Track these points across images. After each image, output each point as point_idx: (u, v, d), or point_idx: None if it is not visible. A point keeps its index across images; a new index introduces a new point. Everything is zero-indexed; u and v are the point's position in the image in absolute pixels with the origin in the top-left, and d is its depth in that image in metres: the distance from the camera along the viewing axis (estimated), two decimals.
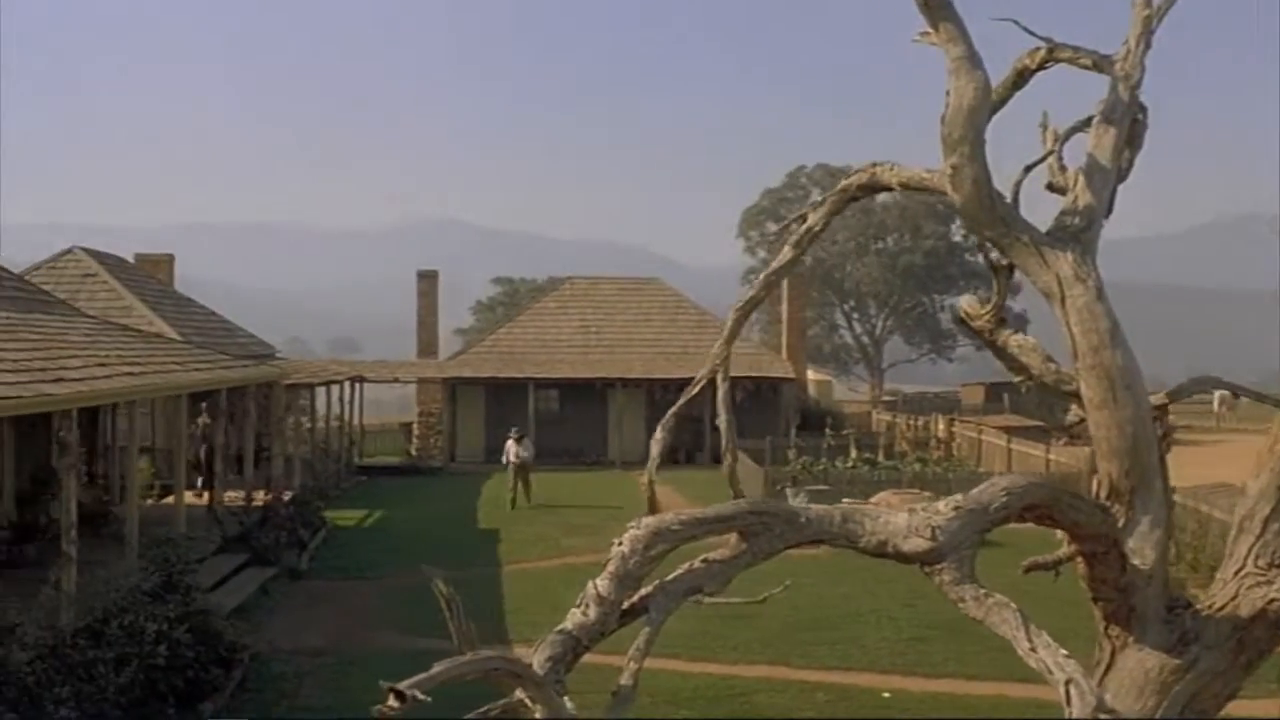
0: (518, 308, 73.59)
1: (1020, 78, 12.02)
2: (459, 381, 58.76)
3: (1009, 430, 47.05)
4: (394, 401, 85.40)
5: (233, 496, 33.46)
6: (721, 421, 15.09)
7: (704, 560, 11.74)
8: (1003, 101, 11.93)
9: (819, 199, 13.94)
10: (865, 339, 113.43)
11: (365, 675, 20.12)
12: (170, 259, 53.80)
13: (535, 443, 55.50)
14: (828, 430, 48.79)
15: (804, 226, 14.11)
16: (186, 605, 21.24)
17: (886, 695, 20.82)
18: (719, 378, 15.44)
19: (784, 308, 66.23)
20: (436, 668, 10.18)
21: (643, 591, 11.49)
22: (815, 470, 42.41)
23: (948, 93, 11.30)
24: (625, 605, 11.47)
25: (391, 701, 9.70)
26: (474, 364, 59.08)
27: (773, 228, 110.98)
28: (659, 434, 15.03)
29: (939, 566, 10.30)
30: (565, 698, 10.96)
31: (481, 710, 10.78)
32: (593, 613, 11.40)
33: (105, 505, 30.24)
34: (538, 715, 10.63)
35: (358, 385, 54.44)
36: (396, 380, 60.42)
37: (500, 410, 58.22)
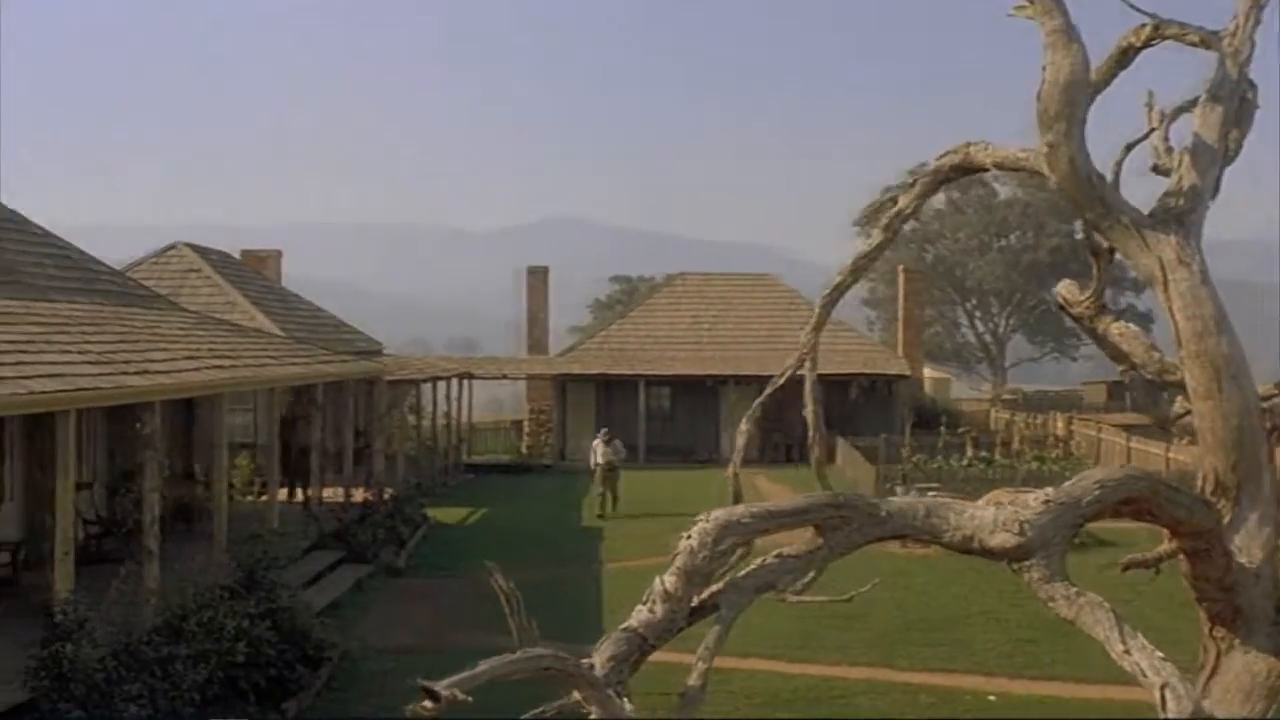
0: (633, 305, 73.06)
1: (1124, 56, 11.33)
2: (569, 378, 58.24)
3: (1128, 428, 45.79)
4: (513, 400, 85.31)
5: (332, 493, 33.08)
6: (808, 413, 14.42)
7: (778, 555, 11.13)
8: (1106, 82, 11.28)
9: (909, 181, 13.31)
10: (988, 337, 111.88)
11: (454, 674, 19.65)
12: (277, 255, 53.69)
13: (645, 440, 55.02)
14: (942, 428, 47.79)
15: (895, 209, 13.45)
16: (270, 602, 20.79)
17: (992, 698, 20.23)
18: (807, 367, 14.70)
19: (900, 304, 65.20)
20: (482, 666, 9.59)
21: (713, 588, 10.92)
22: (929, 468, 41.46)
23: (1044, 68, 10.73)
24: (695, 602, 10.89)
25: (425, 702, 9.11)
26: (584, 360, 58.55)
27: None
28: (744, 426, 14.43)
29: (1027, 563, 9.71)
30: (625, 699, 10.35)
31: (537, 711, 10.24)
32: (659, 610, 10.80)
33: (201, 501, 29.95)
34: (593, 717, 10.05)
35: (466, 382, 54.04)
36: (505, 377, 59.99)
37: (610, 407, 57.71)
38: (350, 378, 33.87)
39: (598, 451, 41.70)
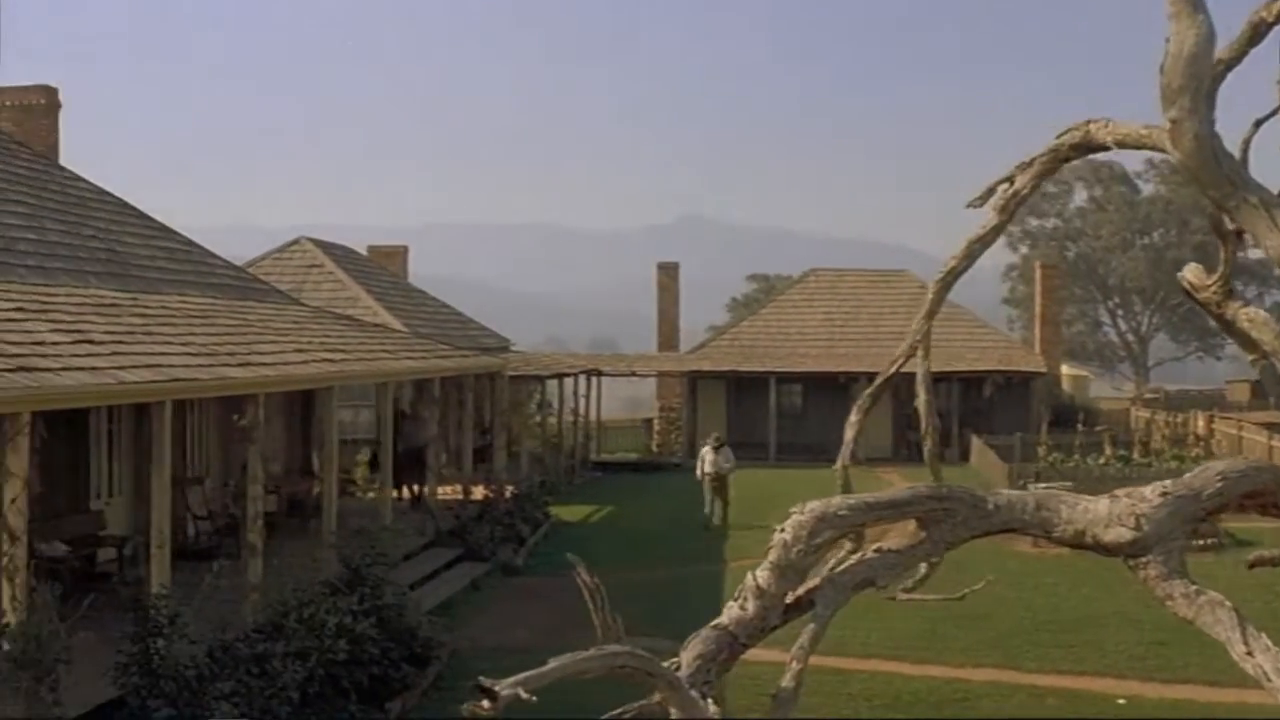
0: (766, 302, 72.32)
1: (1256, 32, 10.53)
2: (699, 375, 57.62)
3: (1270, 426, 44.42)
4: (651, 399, 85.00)
5: (451, 490, 32.66)
6: (920, 402, 13.67)
7: (877, 550, 10.53)
8: (1237, 59, 10.48)
9: (1026, 161, 12.54)
10: (1130, 336, 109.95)
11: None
12: (403, 250, 53.59)
13: (776, 438, 54.28)
14: (1079, 427, 46.66)
15: (1010, 190, 12.64)
16: (375, 598, 20.34)
17: (1121, 701, 19.44)
18: (919, 356, 13.94)
19: (1037, 301, 63.96)
20: (552, 663, 9.02)
21: (809, 584, 10.38)
22: (1064, 467, 40.41)
23: (1167, 40, 9.95)
24: (790, 599, 10.35)
25: (483, 701, 8.55)
26: (714, 357, 57.89)
27: (1034, 222, 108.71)
28: (854, 417, 13.70)
29: (1143, 559, 9.01)
30: (711, 700, 9.76)
31: (615, 712, 9.70)
32: (751, 607, 10.23)
33: (318, 497, 29.65)
34: (674, 718, 9.53)
35: (595, 379, 53.60)
36: (634, 374, 59.49)
37: (741, 405, 57.09)
38: (469, 373, 33.44)
39: (705, 459, 37.87)
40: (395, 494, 32.06)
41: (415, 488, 33.59)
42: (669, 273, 62.96)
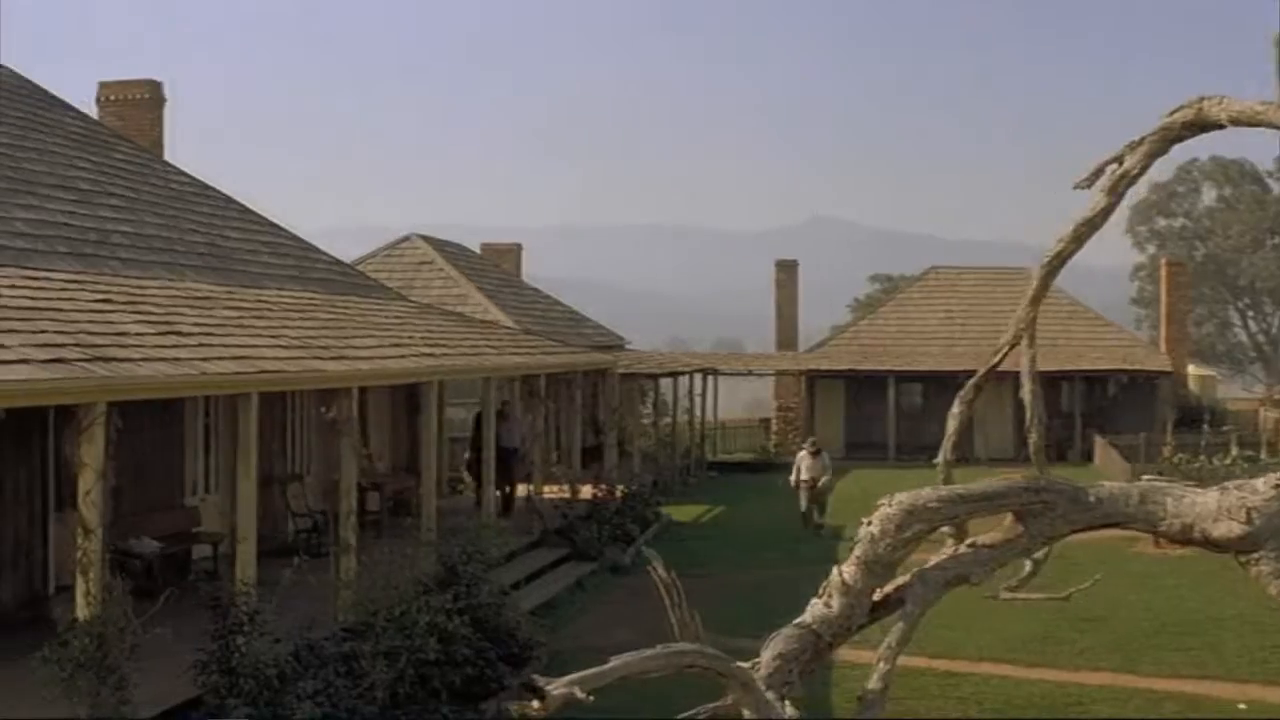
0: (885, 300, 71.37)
1: None
2: (817, 374, 56.88)
3: None
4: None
5: (558, 490, 32.14)
6: (1025, 393, 13.00)
7: (970, 545, 9.89)
8: None
9: (1136, 140, 11.82)
10: (1261, 337, 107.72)
11: (666, 677, 18.60)
12: (517, 248, 53.34)
13: (895, 438, 53.41)
14: (1206, 427, 45.50)
15: (1119, 170, 11.89)
16: (470, 597, 19.88)
17: (1242, 707, 18.65)
18: (1024, 344, 13.22)
19: (1162, 300, 62.60)
20: (613, 662, 8.53)
21: (898, 581, 9.78)
22: (1189, 467, 39.31)
23: None
24: (877, 596, 9.75)
25: (533, 701, 8.06)
26: (833, 356, 57.16)
27: (1162, 222, 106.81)
28: (956, 408, 13.05)
29: (1255, 555, 8.40)
30: (787, 703, 9.19)
31: (688, 714, 9.19)
32: (836, 604, 9.65)
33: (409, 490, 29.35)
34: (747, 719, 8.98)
35: (712, 379, 53.03)
36: (750, 373, 58.90)
37: (860, 404, 56.34)
38: (577, 369, 32.92)
39: (802, 465, 35.73)
40: (512, 493, 31.61)
41: (505, 490, 31.80)
42: (787, 270, 62.27)
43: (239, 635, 15.19)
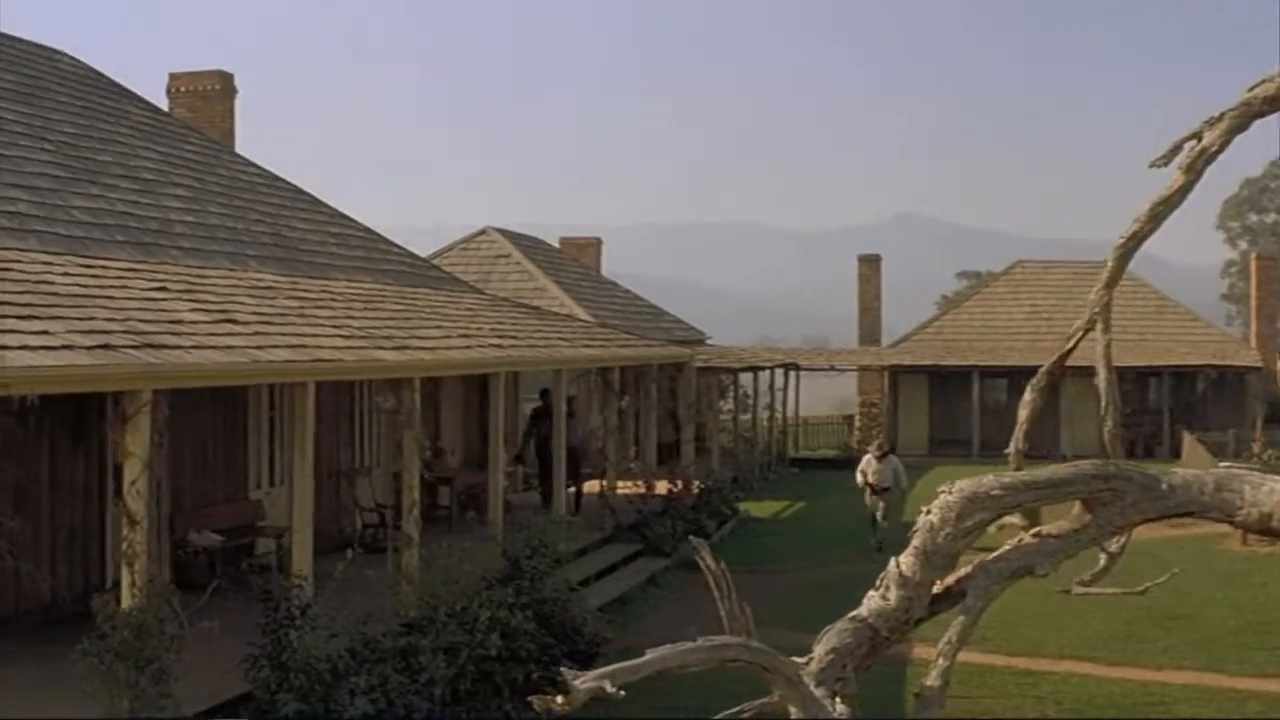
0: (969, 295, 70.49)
1: None
2: (900, 370, 56.14)
3: None
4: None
5: (633, 485, 31.62)
6: (1100, 380, 12.45)
7: (1035, 535, 9.37)
8: None
9: (1215, 116, 11.22)
10: None
11: (735, 675, 18.06)
12: (596, 242, 52.96)
13: (979, 435, 52.57)
14: None
15: (1198, 147, 11.30)
16: (534, 591, 19.46)
17: None
18: (1098, 329, 12.65)
19: (1252, 294, 61.46)
20: (650, 654, 8.11)
21: (959, 572, 9.29)
22: (1279, 464, 38.47)
23: None
24: (938, 588, 9.26)
25: (557, 697, 7.65)
26: (915, 351, 56.39)
27: (1254, 218, 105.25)
28: (1028, 396, 12.60)
29: None
30: (838, 700, 8.71)
31: (733, 711, 8.68)
32: (893, 596, 9.17)
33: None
34: (794, 718, 8.52)
35: (793, 374, 52.46)
36: (832, 368, 58.22)
37: (944, 400, 55.60)
38: (652, 362, 32.39)
39: (869, 469, 32.25)
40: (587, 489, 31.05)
41: (572, 487, 30.64)
42: (870, 265, 61.57)
43: (290, 629, 14.80)
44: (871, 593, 9.40)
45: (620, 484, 30.27)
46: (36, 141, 21.52)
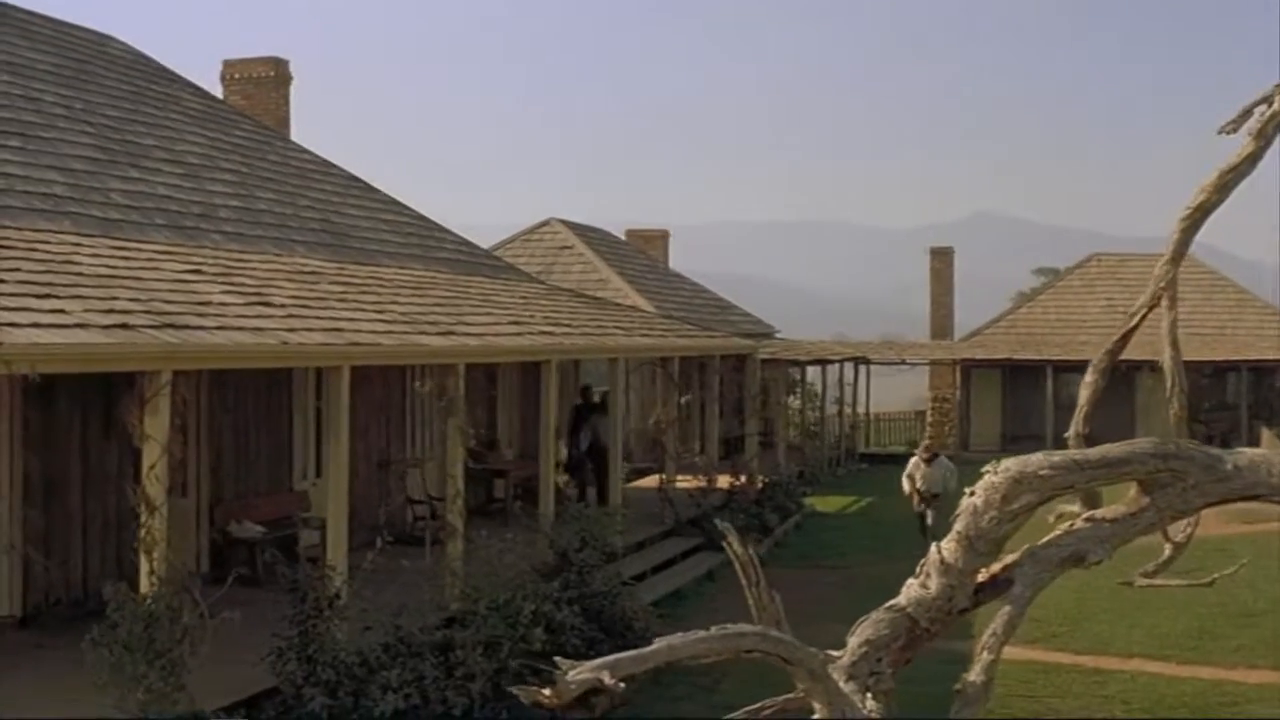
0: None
1: None
2: (972, 364, 55.18)
3: None
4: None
5: (693, 480, 30.94)
6: (1165, 359, 11.73)
7: (1088, 519, 8.66)
8: None
9: None
10: None
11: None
12: (664, 235, 52.33)
13: (1053, 429, 51.50)
14: None
15: (1269, 112, 10.53)
16: (582, 585, 18.86)
17: None
18: (1164, 304, 11.93)
19: None
20: (657, 644, 7.48)
21: (1006, 559, 8.61)
22: None
23: None
24: (982, 576, 8.58)
25: (544, 690, 7.03)
26: (988, 345, 55.37)
27: None
28: (1089, 377, 11.89)
29: None
30: (869, 696, 8.06)
31: (752, 708, 8.22)
32: (934, 584, 8.48)
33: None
34: (816, 718, 7.87)
35: (863, 368, 51.67)
36: (903, 362, 57.26)
37: (1017, 395, 54.59)
38: (713, 354, 31.68)
39: (917, 474, 29.58)
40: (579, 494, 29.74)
41: (595, 490, 28.43)
42: (943, 258, 60.62)
43: (318, 621, 14.24)
44: (911, 580, 8.72)
45: (680, 479, 29.58)
46: (76, 124, 21.15)
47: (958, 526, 8.44)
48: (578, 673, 6.75)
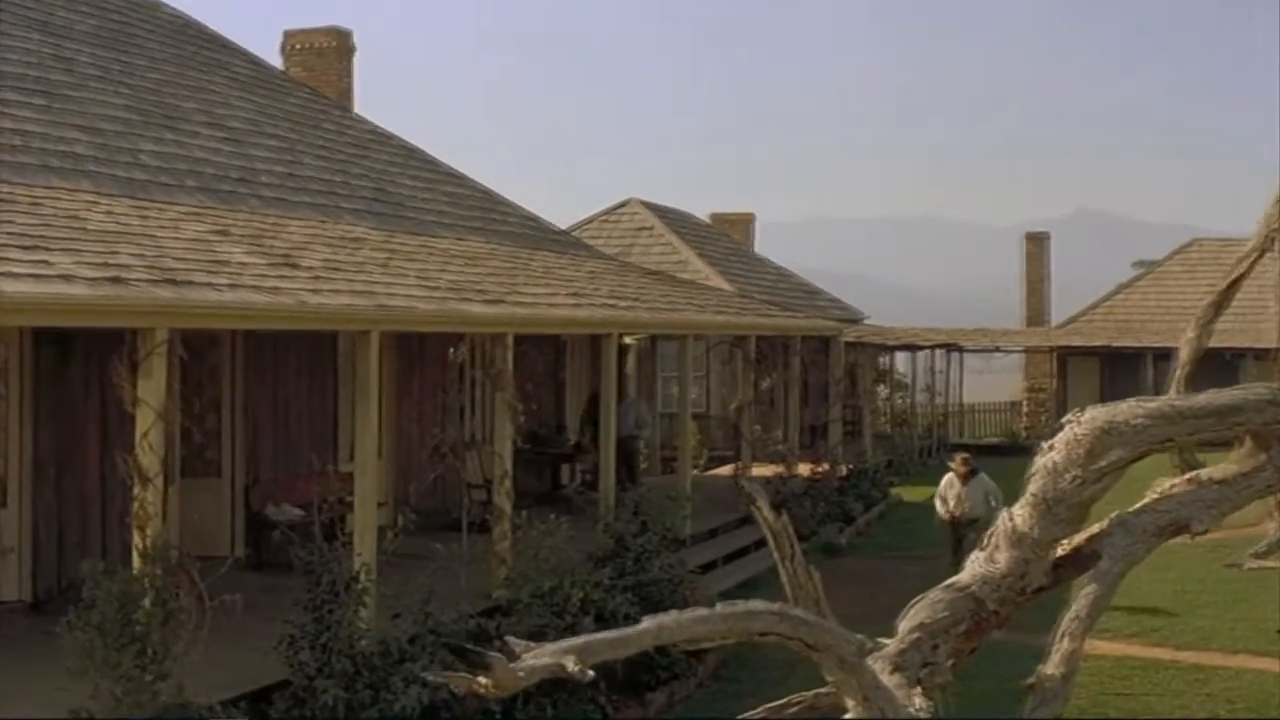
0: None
1: None
2: (1069, 352, 53.44)
3: None
4: None
5: (773, 469, 29.57)
6: (1276, 312, 10.38)
7: (1190, 479, 7.16)
8: None
9: None
10: None
11: None
12: (749, 218, 50.95)
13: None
14: None
15: None
16: (640, 572, 17.54)
17: None
18: (1277, 249, 10.56)
19: None
20: (646, 623, 6.10)
21: (1091, 529, 7.14)
22: None
23: None
24: (1063, 550, 7.13)
25: (480, 678, 5.67)
26: (1085, 332, 53.59)
27: None
28: (1191, 333, 10.65)
29: None
30: (919, 691, 6.65)
31: (774, 705, 7.35)
32: (1004, 558, 6.96)
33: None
34: (850, 716, 6.45)
35: (956, 356, 50.10)
36: (998, 349, 55.57)
37: (1115, 384, 52.70)
38: (794, 334, 30.19)
39: (950, 494, 23.21)
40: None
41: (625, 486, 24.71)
42: (1036, 243, 58.86)
43: (334, 606, 12.95)
44: (976, 553, 7.23)
45: (761, 468, 28.25)
46: (111, 85, 20.15)
47: (1032, 489, 7.00)
48: (534, 655, 5.36)
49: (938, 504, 23.45)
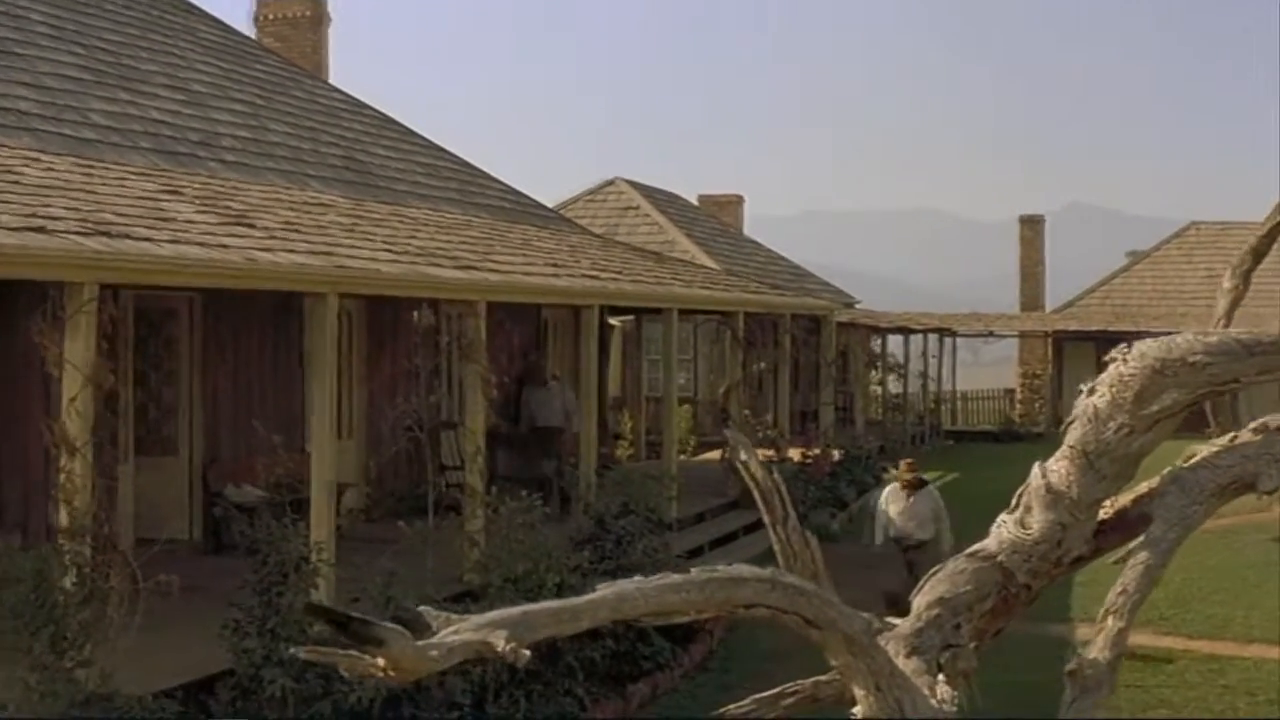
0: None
1: None
2: (1064, 337, 52.56)
3: None
4: None
5: (764, 454, 28.76)
6: None
7: (1258, 429, 6.10)
8: None
9: None
10: None
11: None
12: (739, 200, 50.23)
13: None
14: None
15: None
16: (620, 556, 16.58)
17: None
18: None
19: None
20: (602, 590, 4.87)
21: (1141, 488, 6.03)
22: None
23: None
24: (1105, 512, 6.04)
25: (377, 659, 4.55)
26: (1081, 316, 52.69)
27: None
28: (1228, 283, 9.82)
29: None
30: (941, 676, 5.61)
31: (767, 695, 6.48)
32: (1037, 521, 5.66)
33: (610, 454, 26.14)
34: (858, 714, 5.36)
35: (948, 341, 49.29)
36: (991, 334, 54.73)
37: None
38: (781, 312, 29.19)
39: (892, 508, 19.33)
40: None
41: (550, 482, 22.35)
42: (1032, 226, 58.00)
43: (282, 589, 11.93)
44: (1004, 516, 6.17)
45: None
46: (63, 43, 19.21)
47: (1070, 439, 5.95)
48: (453, 631, 4.26)
49: (874, 521, 19.74)
